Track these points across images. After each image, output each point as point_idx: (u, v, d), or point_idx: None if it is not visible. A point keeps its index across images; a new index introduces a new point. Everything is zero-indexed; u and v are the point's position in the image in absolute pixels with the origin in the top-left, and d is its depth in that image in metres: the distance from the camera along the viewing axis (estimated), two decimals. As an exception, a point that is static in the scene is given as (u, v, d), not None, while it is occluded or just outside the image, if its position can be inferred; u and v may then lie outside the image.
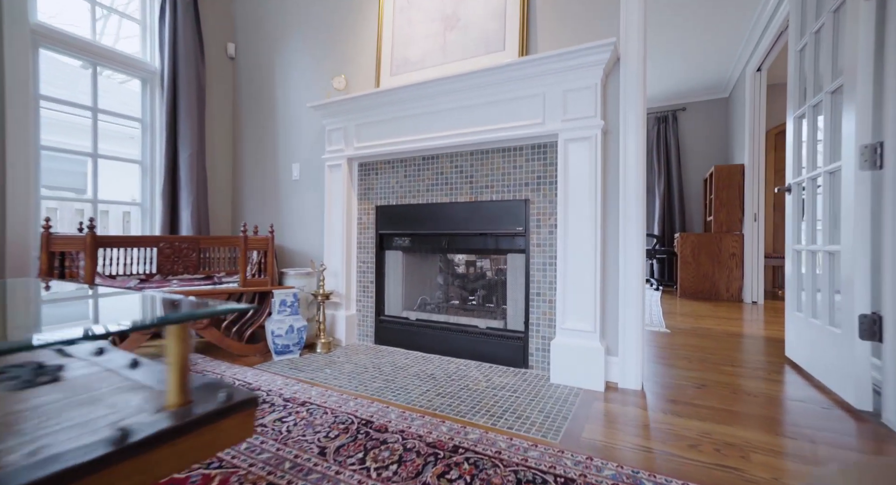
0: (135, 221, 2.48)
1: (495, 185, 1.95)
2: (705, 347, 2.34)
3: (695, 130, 5.49)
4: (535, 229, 1.85)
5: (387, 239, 2.31)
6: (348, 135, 2.28)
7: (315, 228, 2.53)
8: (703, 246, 4.39)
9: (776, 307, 3.81)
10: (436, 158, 2.11)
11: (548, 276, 1.83)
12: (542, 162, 1.84)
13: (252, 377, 1.71)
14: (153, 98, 2.47)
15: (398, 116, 2.11)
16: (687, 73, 4.65)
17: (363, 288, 2.33)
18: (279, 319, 1.99)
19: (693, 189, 5.49)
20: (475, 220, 2.00)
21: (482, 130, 1.88)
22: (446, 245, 2.13)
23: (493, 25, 1.94)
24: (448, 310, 2.25)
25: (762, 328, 2.88)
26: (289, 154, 2.65)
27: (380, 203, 2.28)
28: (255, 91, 2.80)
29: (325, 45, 2.50)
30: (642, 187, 1.67)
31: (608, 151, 1.74)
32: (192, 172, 2.43)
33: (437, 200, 2.10)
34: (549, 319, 1.82)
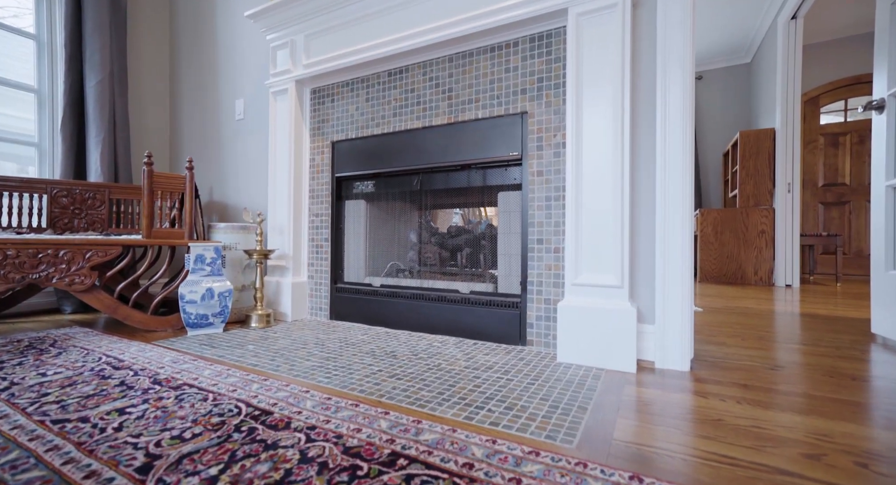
0: (31, 167, 1.97)
1: (481, 97, 1.44)
2: (757, 325, 1.82)
3: (712, 100, 4.97)
4: (536, 152, 1.34)
5: (346, 185, 1.80)
6: (296, 50, 1.77)
7: (263, 180, 2.03)
8: (726, 223, 3.86)
9: (817, 291, 3.28)
10: (405, 71, 1.60)
11: (553, 215, 1.31)
12: (544, 57, 1.33)
13: (133, 354, 1.20)
14: (52, 9, 1.96)
15: (356, 17, 1.60)
16: (704, 33, 4.13)
17: (316, 248, 1.82)
18: (193, 280, 1.48)
19: (711, 164, 4.97)
20: (456, 147, 1.49)
21: (463, 19, 1.37)
22: (419, 185, 1.62)
23: None
24: (423, 274, 1.74)
25: (814, 307, 2.35)
26: (232, 88, 2.15)
27: (336, 138, 1.77)
28: (194, 10, 2.29)
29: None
30: (690, 79, 1.15)
31: (639, 31, 1.22)
32: (105, 104, 1.93)
33: (406, 126, 1.59)
34: (555, 274, 1.31)
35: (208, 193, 2.22)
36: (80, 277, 1.39)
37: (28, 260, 1.32)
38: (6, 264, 1.28)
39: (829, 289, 3.39)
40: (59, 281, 1.36)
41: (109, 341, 1.34)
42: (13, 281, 1.30)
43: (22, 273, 1.31)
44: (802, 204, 4.54)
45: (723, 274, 3.87)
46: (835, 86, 4.43)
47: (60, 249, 1.36)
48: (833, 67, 4.42)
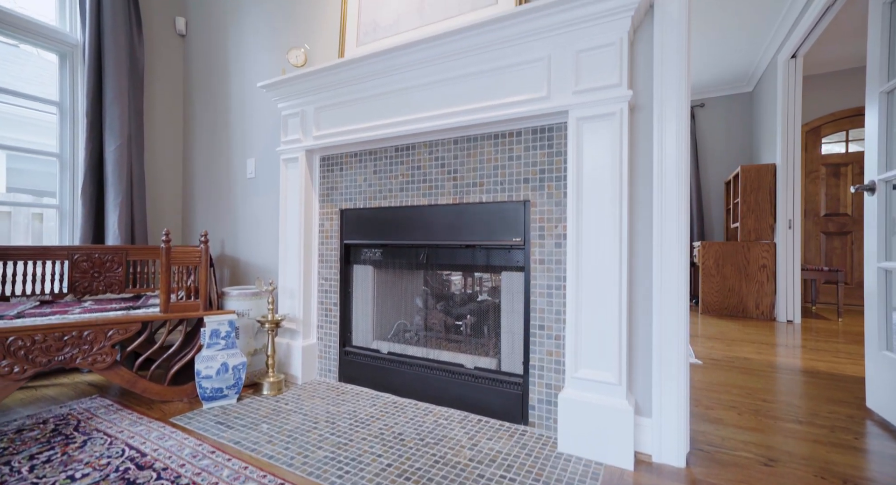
0: (53, 228, 2.05)
1: (486, 181, 1.50)
2: (753, 388, 1.86)
3: (715, 127, 5.01)
4: (538, 240, 1.39)
5: (354, 250, 1.86)
6: (306, 121, 1.84)
7: (273, 237, 2.09)
8: (728, 256, 3.90)
9: (818, 328, 3.30)
10: (411, 148, 1.67)
11: (554, 303, 1.36)
12: (546, 150, 1.39)
13: (153, 444, 1.26)
14: (74, 78, 2.05)
15: (365, 96, 1.67)
16: (706, 64, 4.19)
17: (325, 311, 1.88)
18: (209, 356, 1.54)
19: (713, 193, 5.00)
20: (460, 227, 1.55)
21: (468, 109, 1.44)
22: (425, 259, 1.68)
23: (484, -24, 1.49)
24: (428, 341, 1.79)
25: (814, 358, 2.38)
26: (244, 147, 2.22)
27: (345, 206, 1.83)
28: (208, 73, 2.38)
29: (286, 13, 2.07)
30: (685, 185, 1.21)
31: (637, 134, 1.28)
32: (123, 168, 2.00)
33: (413, 201, 1.65)
34: (555, 361, 1.36)
35: (220, 246, 2.29)
36: (102, 355, 1.45)
37: (54, 343, 1.38)
38: (34, 349, 1.35)
39: (831, 325, 3.42)
40: (82, 361, 1.42)
41: (130, 423, 1.40)
42: (41, 364, 1.36)
43: (48, 357, 1.37)
44: (805, 233, 4.57)
45: (725, 306, 3.90)
46: (836, 117, 4.46)
47: (84, 330, 1.43)
48: (834, 98, 4.46)
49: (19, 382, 1.34)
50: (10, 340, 1.32)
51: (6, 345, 1.31)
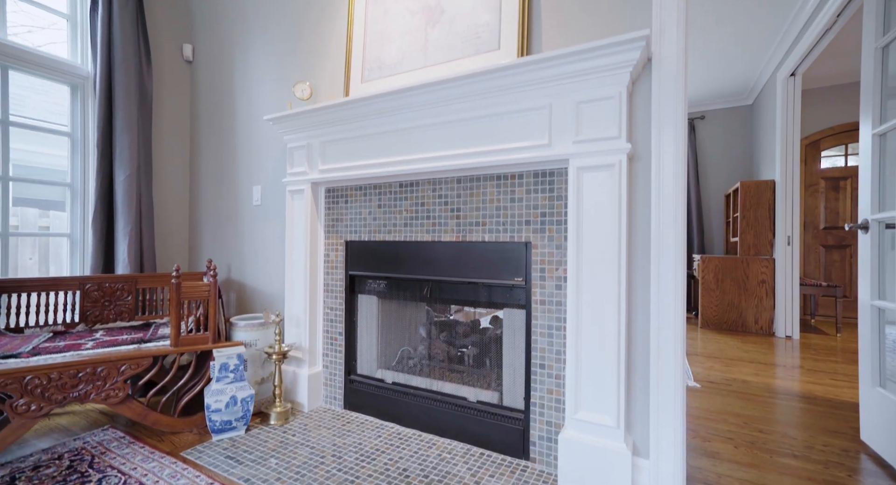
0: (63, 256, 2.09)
1: (488, 221, 1.53)
2: (750, 417, 1.90)
3: (714, 140, 5.04)
4: (539, 282, 1.43)
5: (359, 281, 1.90)
6: (312, 154, 1.88)
7: (279, 263, 2.13)
8: (727, 271, 3.93)
9: (816, 345, 3.34)
10: (415, 184, 1.70)
11: (555, 343, 1.40)
12: (547, 194, 1.43)
13: (166, 482, 1.30)
14: (85, 109, 2.09)
15: (369, 133, 1.71)
16: (707, 77, 4.21)
17: (331, 340, 1.92)
18: (218, 390, 1.58)
19: (713, 205, 5.03)
20: (463, 264, 1.59)
21: (471, 152, 1.47)
22: (428, 293, 1.72)
23: (486, 18, 1.53)
24: (432, 371, 1.83)
25: (811, 380, 2.42)
26: (249, 174, 2.26)
27: (350, 238, 1.87)
28: (215, 99, 2.42)
29: (291, 45, 2.11)
30: (682, 235, 1.24)
31: (636, 183, 1.32)
32: (132, 197, 2.04)
33: (416, 237, 1.69)
34: (556, 399, 1.40)
35: (226, 270, 2.34)
36: (114, 390, 1.49)
37: (69, 380, 1.42)
38: (50, 387, 1.39)
39: (829, 341, 3.45)
40: (96, 397, 1.46)
41: (142, 458, 1.44)
42: (56, 402, 1.41)
43: (64, 394, 1.42)
44: (805, 246, 4.60)
45: (724, 321, 3.94)
46: (835, 131, 4.49)
47: (98, 367, 1.47)
48: (834, 112, 4.48)
49: (36, 419, 1.38)
50: (28, 380, 1.36)
51: (24, 384, 1.36)
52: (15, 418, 1.35)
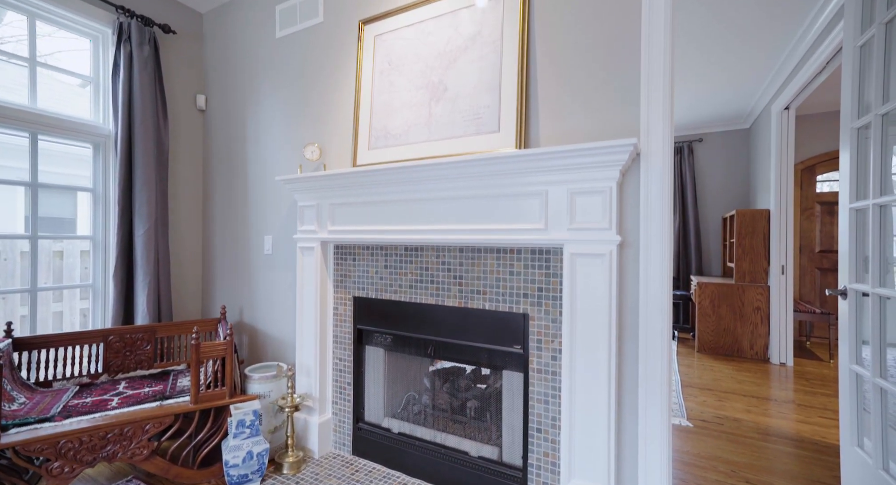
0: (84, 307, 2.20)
1: (489, 291, 1.64)
2: (738, 464, 1.99)
3: (713, 162, 5.12)
4: (536, 351, 1.53)
5: (366, 334, 2.00)
6: (321, 214, 1.98)
7: (290, 311, 2.24)
8: (723, 297, 4.02)
9: (810, 373, 3.43)
10: (420, 249, 1.81)
11: (550, 410, 1.50)
12: (543, 271, 1.53)
13: (190, 539, 1.41)
14: (106, 166, 2.20)
15: (376, 200, 1.81)
16: (705, 102, 4.29)
17: (340, 388, 2.03)
18: (236, 445, 1.69)
19: (711, 226, 5.11)
20: (465, 329, 1.69)
21: (472, 229, 1.57)
22: (432, 352, 1.82)
23: (486, 100, 1.63)
24: (436, 421, 1.93)
25: (801, 418, 2.51)
26: (261, 224, 2.36)
27: (358, 294, 1.98)
28: (227, 149, 2.52)
29: (301, 107, 2.21)
30: (667, 317, 1.34)
31: (626, 267, 1.41)
32: (150, 250, 2.15)
33: (421, 299, 1.79)
34: (552, 462, 1.50)
35: (238, 313, 2.44)
36: (140, 449, 1.60)
37: (98, 442, 1.53)
38: (81, 450, 1.50)
39: (822, 369, 3.54)
40: (123, 456, 1.57)
41: (166, 515, 1.55)
42: (86, 463, 1.52)
43: (94, 455, 1.53)
44: (801, 270, 4.68)
45: (720, 346, 4.03)
46: (830, 156, 4.57)
47: (125, 427, 1.58)
48: (829, 138, 4.56)
49: (68, 481, 1.49)
50: (62, 444, 1.47)
51: (58, 448, 1.47)
52: (50, 480, 1.46)
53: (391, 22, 1.90)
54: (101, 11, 2.13)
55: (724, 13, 2.62)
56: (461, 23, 1.71)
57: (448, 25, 1.75)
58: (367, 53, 1.96)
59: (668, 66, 1.34)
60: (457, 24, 1.72)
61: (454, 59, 1.72)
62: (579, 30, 1.49)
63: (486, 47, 1.64)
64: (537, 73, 1.56)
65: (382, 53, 1.91)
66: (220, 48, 2.55)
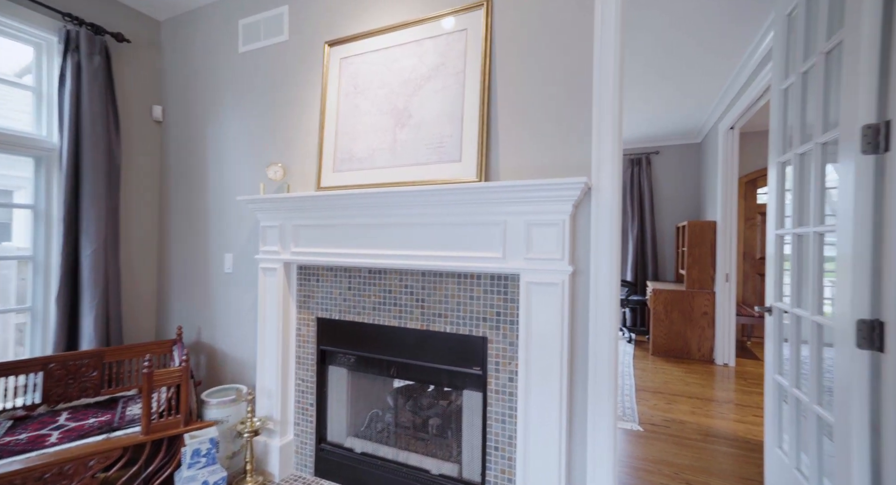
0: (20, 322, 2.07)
1: (449, 314, 1.69)
2: (681, 466, 2.16)
3: (669, 173, 5.43)
4: (494, 373, 1.60)
5: (329, 354, 2.01)
6: (285, 235, 1.96)
7: (250, 330, 2.20)
8: (675, 303, 4.29)
9: (749, 372, 3.73)
10: (384, 272, 1.83)
11: (507, 429, 1.58)
12: (502, 296, 1.60)
13: None
14: (49, 181, 2.07)
15: (340, 223, 1.82)
16: (662, 117, 4.53)
17: (302, 410, 2.02)
18: (190, 476, 1.65)
19: (667, 234, 5.42)
20: (427, 350, 1.73)
21: (434, 255, 1.62)
22: (394, 373, 1.86)
23: (449, 129, 1.68)
24: (398, 440, 1.97)
25: (738, 418, 2.73)
26: (222, 242, 2.31)
27: (321, 315, 1.98)
28: (186, 163, 2.44)
29: (264, 120, 2.18)
30: (613, 344, 1.44)
31: (577, 295, 1.51)
32: (99, 270, 2.05)
33: (384, 321, 1.82)
34: (508, 479, 1.58)
35: (196, 333, 2.37)
36: (85, 485, 1.54)
37: (33, 484, 1.46)
38: (18, 491, 1.43)
39: (759, 369, 3.86)
40: (67, 495, 1.51)
41: (117, 551, 1.50)
42: (26, 504, 1.44)
43: (33, 496, 1.45)
44: (744, 275, 5.06)
45: (672, 349, 4.30)
46: (770, 171, 4.95)
47: (65, 465, 1.51)
48: (769, 155, 4.93)
49: (7, 523, 1.41)
50: (-3, 486, 1.39)
51: (-7, 490, 1.39)
52: (-15, 524, 1.38)
53: (357, 46, 1.91)
54: (46, 18, 2.00)
55: (675, 44, 2.80)
56: (426, 52, 1.75)
57: (413, 53, 1.78)
58: (332, 75, 1.96)
59: (617, 110, 1.44)
60: (422, 53, 1.76)
61: (419, 86, 1.76)
62: (537, 72, 1.56)
63: (449, 78, 1.69)
64: (498, 108, 1.63)
65: (348, 76, 1.92)
66: (180, 58, 2.46)
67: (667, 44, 2.79)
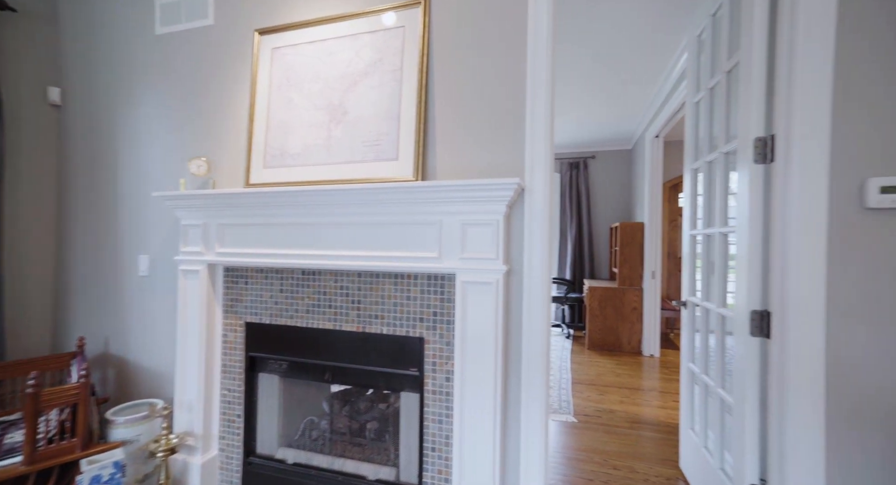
0: None
1: (386, 315, 1.66)
2: (609, 452, 2.29)
3: (604, 176, 5.77)
4: (431, 373, 1.60)
5: (260, 361, 1.89)
6: (209, 235, 1.82)
7: (169, 340, 2.01)
8: (609, 299, 4.57)
9: (671, 362, 4.06)
10: (318, 274, 1.76)
11: (444, 429, 1.58)
12: (438, 296, 1.59)
13: None
14: None
15: (272, 222, 1.72)
16: (596, 125, 4.80)
17: (228, 422, 1.88)
18: (91, 503, 1.47)
19: (602, 234, 5.76)
20: (364, 353, 1.69)
21: (370, 255, 1.58)
22: (330, 378, 1.79)
23: (386, 127, 1.65)
24: (333, 448, 1.90)
25: (661, 404, 2.96)
26: (135, 243, 2.08)
27: (250, 320, 1.85)
28: (91, 153, 2.17)
29: (187, 110, 2.00)
30: (546, 339, 1.49)
31: (511, 294, 1.54)
32: (-24, 274, 1.76)
33: (319, 324, 1.75)
34: (444, 479, 1.58)
35: (103, 344, 2.12)
36: (-46, 526, 1.31)
37: None
38: None
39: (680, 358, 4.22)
40: (-73, 539, 1.27)
41: None
42: None
43: None
44: (667, 272, 5.52)
45: (605, 343, 4.57)
46: (690, 178, 5.45)
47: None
48: (689, 163, 5.43)
49: None
50: None
51: None
52: None
53: (290, 36, 1.81)
54: None
55: (608, 56, 2.98)
56: (363, 47, 1.70)
57: (350, 47, 1.72)
58: (263, 66, 1.84)
59: (549, 116, 1.49)
60: (358, 47, 1.71)
61: (355, 82, 1.70)
62: (473, 75, 1.58)
63: (386, 75, 1.66)
64: (435, 108, 1.62)
65: (281, 68, 1.82)
66: (83, 35, 2.18)
67: (601, 56, 2.96)
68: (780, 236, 1.27)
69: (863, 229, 1.18)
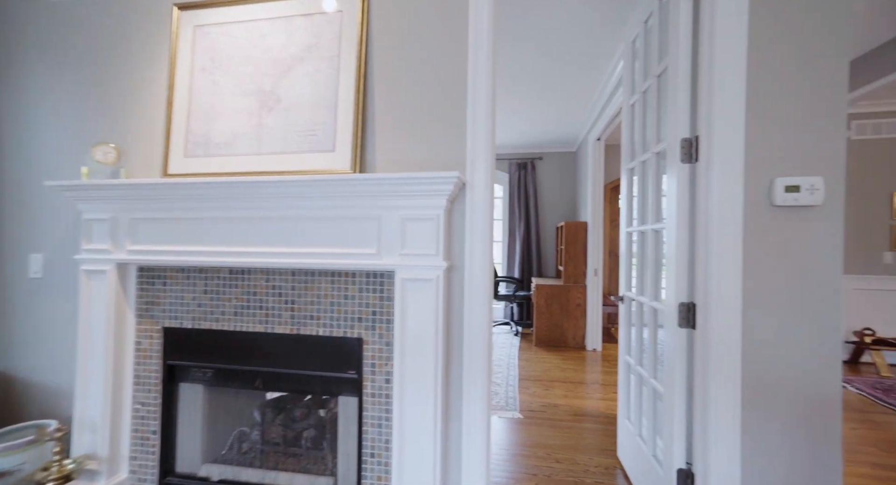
0: None
1: (322, 316, 1.56)
2: (553, 446, 2.34)
3: (550, 177, 5.97)
4: (370, 376, 1.52)
5: (180, 371, 1.71)
6: (118, 231, 1.61)
7: (69, 350, 1.76)
8: (555, 297, 4.72)
9: (611, 356, 4.26)
10: (247, 272, 1.62)
11: (383, 433, 1.51)
12: (378, 294, 1.53)
13: None
14: None
15: (193, 217, 1.56)
16: (543, 126, 4.94)
17: (142, 440, 1.68)
18: (-42, 547, 1.23)
19: (549, 234, 5.95)
20: (299, 357, 1.58)
21: (305, 252, 1.48)
22: (261, 385, 1.65)
23: (322, 117, 1.55)
24: (267, 457, 1.76)
25: (602, 396, 3.08)
26: (24, 239, 1.81)
27: (169, 324, 1.67)
28: (-30, 134, 1.86)
29: (91, 90, 1.77)
30: (487, 340, 1.48)
31: (452, 290, 1.51)
32: None
33: (248, 327, 1.61)
34: (384, 483, 1.51)
35: (-12, 357, 1.82)
36: None
37: None
38: None
39: (618, 356, 4.44)
40: None
41: None
42: None
43: None
44: (609, 270, 5.81)
45: (552, 339, 4.72)
46: (629, 181, 5.79)
47: None
48: (628, 167, 5.76)
49: None
50: None
51: None
52: None
53: (216, 13, 1.66)
54: None
55: (552, 57, 3.06)
56: (297, 30, 1.60)
57: (283, 30, 1.61)
58: (184, 45, 1.67)
59: (490, 111, 1.48)
60: (292, 30, 1.60)
61: (289, 67, 1.59)
62: (414, 67, 1.53)
63: (322, 62, 1.56)
64: (375, 99, 1.56)
65: (205, 48, 1.66)
66: (-42, -5, 1.86)
67: (550, 54, 3.03)
68: (704, 232, 1.34)
69: (771, 226, 1.28)
